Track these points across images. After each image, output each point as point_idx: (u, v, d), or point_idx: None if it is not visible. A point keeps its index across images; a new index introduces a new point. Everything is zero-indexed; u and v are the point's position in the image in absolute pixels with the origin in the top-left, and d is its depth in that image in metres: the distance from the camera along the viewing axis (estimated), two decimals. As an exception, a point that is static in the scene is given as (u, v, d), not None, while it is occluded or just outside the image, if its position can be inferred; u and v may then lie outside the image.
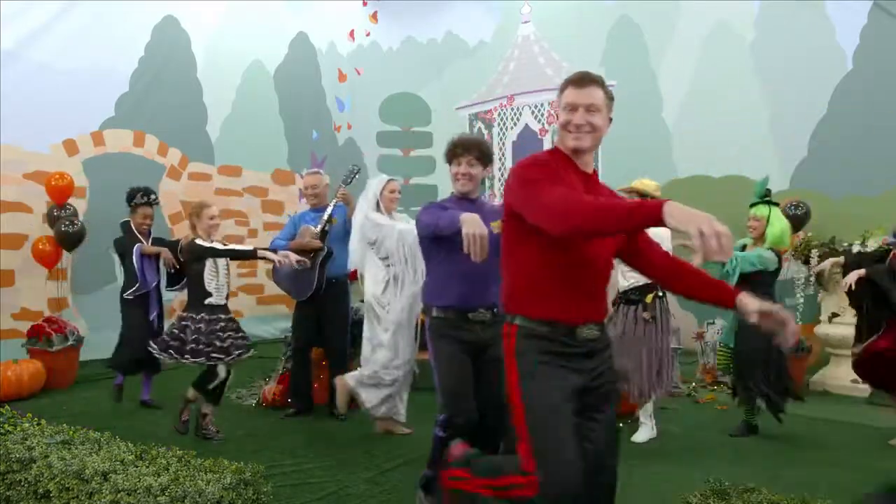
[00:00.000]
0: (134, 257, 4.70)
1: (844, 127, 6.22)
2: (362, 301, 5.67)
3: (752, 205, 4.33)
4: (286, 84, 8.39)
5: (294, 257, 4.02)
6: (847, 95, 6.24)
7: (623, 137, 7.52)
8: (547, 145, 8.34)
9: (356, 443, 4.03)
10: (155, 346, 3.92)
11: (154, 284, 4.82)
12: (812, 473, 3.50)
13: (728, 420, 4.46)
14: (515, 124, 8.67)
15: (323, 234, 4.53)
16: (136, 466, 2.60)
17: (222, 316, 4.00)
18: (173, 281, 4.84)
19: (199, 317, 3.91)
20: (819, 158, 6.40)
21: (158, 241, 4.97)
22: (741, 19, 6.86)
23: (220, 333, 3.92)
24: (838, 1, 6.29)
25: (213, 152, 7.63)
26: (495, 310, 2.66)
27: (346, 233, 4.64)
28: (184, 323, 3.91)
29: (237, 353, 3.95)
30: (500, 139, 8.81)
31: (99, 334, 6.23)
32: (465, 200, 2.84)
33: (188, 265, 4.06)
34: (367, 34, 9.22)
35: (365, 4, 9.06)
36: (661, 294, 4.16)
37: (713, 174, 7.09)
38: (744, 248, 4.26)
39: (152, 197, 4.88)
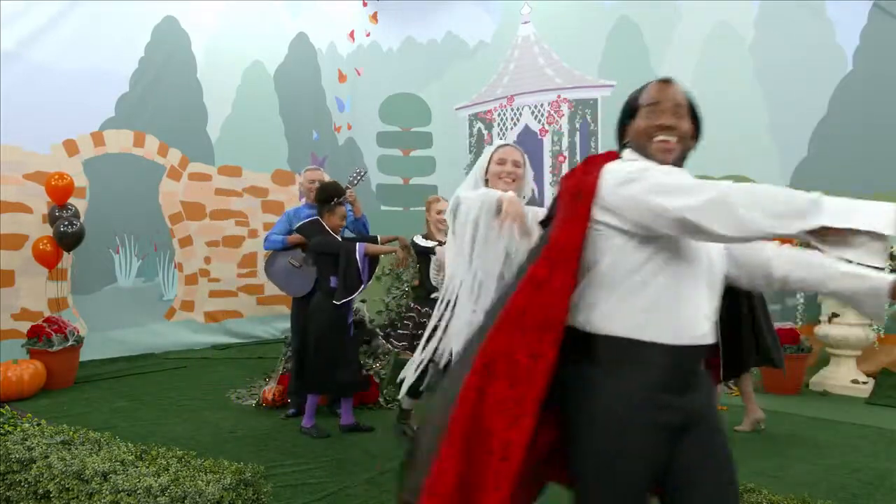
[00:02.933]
0: (358, 258, 4.21)
1: (844, 127, 6.21)
2: (363, 301, 5.70)
3: None
4: (286, 84, 8.39)
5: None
6: (847, 95, 6.23)
7: (623, 137, 7.56)
8: (547, 145, 8.35)
9: (356, 443, 4.04)
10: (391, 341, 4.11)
11: None
12: (812, 473, 3.50)
13: (728, 420, 4.46)
14: (515, 124, 8.66)
15: None
16: (136, 467, 2.61)
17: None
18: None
19: (424, 310, 4.09)
20: (819, 158, 6.39)
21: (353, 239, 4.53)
22: (741, 19, 6.84)
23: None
24: (838, 1, 6.28)
25: (213, 152, 7.63)
26: None
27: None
28: (410, 314, 4.12)
29: None
30: (500, 140, 8.81)
31: (99, 334, 6.25)
32: None
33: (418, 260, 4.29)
34: (367, 34, 9.23)
35: (365, 5, 9.07)
36: None
37: (713, 174, 7.05)
38: None
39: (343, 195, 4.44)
